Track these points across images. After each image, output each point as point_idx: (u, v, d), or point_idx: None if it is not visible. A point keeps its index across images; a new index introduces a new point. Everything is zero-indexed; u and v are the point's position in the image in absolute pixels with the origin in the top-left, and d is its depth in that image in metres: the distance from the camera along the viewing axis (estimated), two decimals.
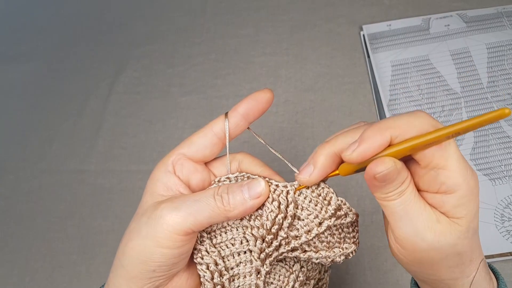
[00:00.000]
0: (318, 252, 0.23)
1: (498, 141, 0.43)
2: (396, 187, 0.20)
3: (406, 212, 0.20)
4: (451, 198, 0.20)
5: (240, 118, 0.24)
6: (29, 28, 0.59)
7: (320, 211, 0.22)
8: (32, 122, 0.52)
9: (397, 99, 0.47)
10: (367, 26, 0.51)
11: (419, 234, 0.20)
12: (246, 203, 0.22)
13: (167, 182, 0.23)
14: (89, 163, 0.48)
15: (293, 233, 0.22)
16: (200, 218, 0.21)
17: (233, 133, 0.24)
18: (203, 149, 0.24)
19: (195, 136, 0.24)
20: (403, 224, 0.20)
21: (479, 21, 0.50)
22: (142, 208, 0.23)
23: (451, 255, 0.21)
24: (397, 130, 0.19)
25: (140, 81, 0.53)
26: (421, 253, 0.20)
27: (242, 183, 0.23)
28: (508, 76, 0.47)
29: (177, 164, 0.24)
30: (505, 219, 0.39)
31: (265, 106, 0.24)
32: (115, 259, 0.23)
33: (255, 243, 0.23)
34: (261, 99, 0.24)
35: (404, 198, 0.20)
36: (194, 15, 0.56)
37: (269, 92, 0.24)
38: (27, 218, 0.46)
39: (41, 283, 0.43)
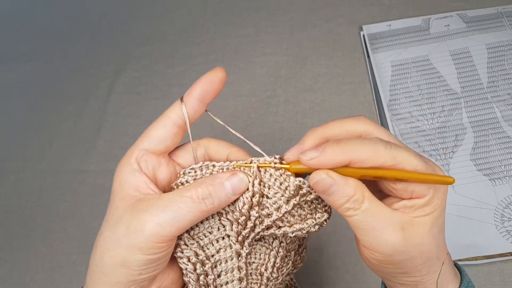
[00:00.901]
0: (292, 226, 0.23)
1: (498, 141, 0.43)
2: (343, 201, 0.21)
3: (367, 226, 0.21)
4: (420, 200, 0.21)
5: (196, 102, 0.23)
6: (29, 28, 0.59)
7: (285, 190, 0.22)
8: (32, 122, 0.52)
9: (397, 99, 0.47)
10: (367, 26, 0.51)
11: (383, 242, 0.21)
12: (230, 199, 0.22)
13: (135, 182, 0.22)
14: (89, 163, 0.48)
15: (264, 211, 0.23)
16: (182, 225, 0.21)
17: (192, 118, 0.23)
18: (164, 140, 0.23)
19: (153, 129, 0.23)
20: (367, 236, 0.21)
21: (479, 21, 0.50)
22: (115, 214, 0.22)
23: (417, 255, 0.21)
24: (357, 157, 0.20)
25: (140, 81, 0.53)
26: (388, 257, 0.21)
27: (222, 177, 0.22)
28: (508, 76, 0.47)
29: (142, 160, 0.23)
30: (505, 219, 0.39)
31: (219, 85, 0.23)
32: (91, 266, 0.22)
33: (232, 227, 0.23)
34: (214, 79, 0.23)
35: (362, 214, 0.21)
36: (194, 15, 0.56)
37: (221, 71, 0.23)
38: (27, 218, 0.46)
39: (41, 283, 0.43)
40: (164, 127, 0.23)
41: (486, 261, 0.38)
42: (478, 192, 0.41)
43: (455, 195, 0.41)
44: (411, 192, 0.21)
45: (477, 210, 0.40)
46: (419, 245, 0.21)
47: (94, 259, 0.22)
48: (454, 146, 0.44)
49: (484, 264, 0.38)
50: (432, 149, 0.44)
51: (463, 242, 0.39)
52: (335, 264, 0.40)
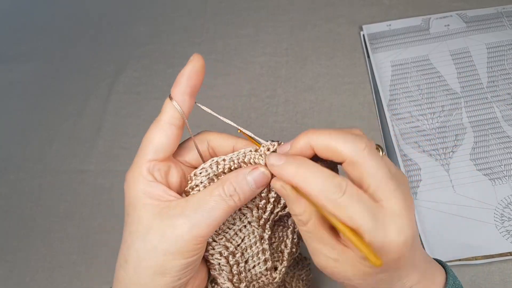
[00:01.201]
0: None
1: (498, 141, 0.43)
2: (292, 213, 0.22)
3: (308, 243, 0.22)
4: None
5: (185, 97, 0.23)
6: (29, 28, 0.59)
7: None
8: (32, 122, 0.52)
9: (397, 99, 0.47)
10: (367, 26, 0.51)
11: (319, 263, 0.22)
12: (255, 193, 0.23)
13: (155, 192, 0.22)
14: (89, 163, 0.48)
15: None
16: (217, 221, 0.22)
17: (185, 114, 0.24)
18: (168, 146, 0.23)
19: (154, 136, 0.23)
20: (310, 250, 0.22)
21: (479, 21, 0.50)
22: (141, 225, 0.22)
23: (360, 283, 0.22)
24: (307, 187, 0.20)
25: (140, 81, 0.53)
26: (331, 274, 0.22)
27: (244, 172, 0.22)
28: (508, 76, 0.47)
29: (154, 171, 0.23)
30: (505, 219, 0.40)
31: (202, 73, 0.24)
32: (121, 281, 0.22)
33: (252, 214, 0.24)
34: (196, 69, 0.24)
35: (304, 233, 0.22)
36: (194, 15, 0.56)
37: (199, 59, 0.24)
38: (27, 218, 0.46)
39: (41, 283, 0.43)
40: (164, 132, 0.23)
41: (486, 261, 0.38)
42: (478, 192, 0.41)
43: (454, 195, 0.41)
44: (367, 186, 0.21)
45: (476, 210, 0.40)
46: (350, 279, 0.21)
47: (127, 273, 0.22)
48: (454, 146, 0.44)
49: (484, 264, 0.38)
50: (432, 148, 0.44)
51: (462, 242, 0.39)
52: None
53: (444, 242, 0.39)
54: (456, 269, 0.38)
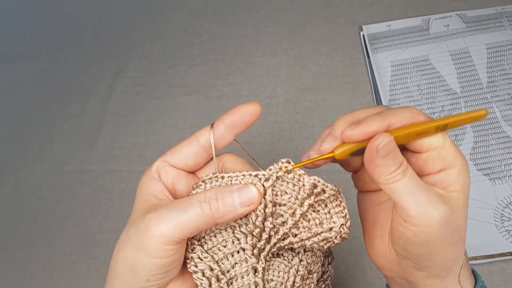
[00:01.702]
0: (308, 232, 0.23)
1: (498, 141, 0.44)
2: (397, 165, 0.21)
3: (414, 189, 0.21)
4: (452, 171, 0.22)
5: (225, 130, 0.23)
6: (30, 29, 0.59)
7: (298, 192, 0.22)
8: (33, 122, 0.52)
9: (397, 99, 0.47)
10: (367, 26, 0.51)
11: (432, 207, 0.20)
12: (236, 210, 0.21)
13: (153, 189, 0.23)
14: (90, 163, 0.48)
15: (279, 220, 0.22)
16: (187, 228, 0.21)
17: (218, 145, 0.24)
18: (185, 158, 0.24)
19: (181, 145, 0.24)
20: (416, 199, 0.21)
21: (478, 21, 0.50)
22: (132, 217, 0.23)
23: (455, 230, 0.21)
24: (394, 118, 0.21)
25: (140, 81, 0.53)
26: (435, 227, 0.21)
27: (232, 187, 0.22)
28: (507, 76, 0.47)
29: (162, 171, 0.24)
30: (505, 219, 0.40)
31: (251, 119, 0.23)
32: (109, 269, 0.22)
33: (246, 240, 0.23)
34: (247, 112, 0.23)
35: (409, 176, 0.21)
36: (194, 16, 0.56)
37: (257, 106, 0.23)
38: (28, 218, 0.46)
39: (41, 283, 0.43)
40: (189, 146, 0.24)
41: (486, 260, 0.38)
42: (478, 192, 0.41)
43: None
44: (443, 160, 0.21)
45: (477, 210, 0.40)
46: (457, 219, 0.21)
47: (111, 262, 0.22)
48: None
49: (484, 264, 0.38)
50: None
51: None
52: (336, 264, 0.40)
53: None
54: None
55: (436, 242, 0.21)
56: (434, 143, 0.22)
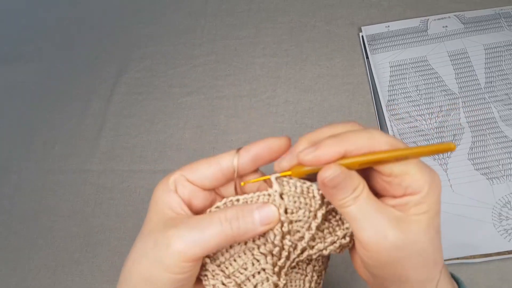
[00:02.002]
0: (323, 242, 0.23)
1: (496, 140, 0.44)
2: (349, 194, 0.21)
3: (365, 215, 0.21)
4: (414, 197, 0.21)
5: (249, 160, 0.23)
6: (32, 30, 0.59)
7: (310, 205, 0.22)
8: (35, 122, 0.52)
9: (396, 100, 0.47)
10: (366, 28, 0.52)
11: (381, 233, 0.20)
12: (256, 229, 0.21)
13: (169, 201, 0.23)
14: (91, 163, 0.49)
15: (296, 236, 0.23)
16: (207, 246, 0.21)
17: (240, 171, 0.23)
18: (203, 178, 0.23)
19: (201, 164, 0.23)
20: (365, 227, 0.21)
21: (476, 22, 0.50)
22: (148, 227, 0.22)
23: (414, 254, 0.21)
24: (352, 145, 0.21)
25: (141, 82, 0.53)
26: (386, 253, 0.21)
27: (252, 206, 0.22)
28: (505, 77, 0.47)
29: (179, 184, 0.23)
30: (502, 218, 0.40)
31: (278, 155, 0.23)
32: (121, 278, 0.22)
33: (266, 260, 0.23)
34: (275, 147, 0.23)
35: (360, 203, 0.21)
36: (195, 17, 0.57)
37: (286, 142, 0.23)
38: (30, 217, 0.47)
39: (43, 281, 0.43)
40: (209, 167, 0.23)
41: (483, 259, 0.39)
42: (476, 191, 0.41)
43: (453, 194, 0.42)
44: (405, 188, 0.21)
45: (475, 209, 0.41)
46: (416, 243, 0.21)
47: (124, 271, 0.22)
48: None
49: (482, 263, 0.39)
50: None
51: (460, 241, 0.39)
52: (334, 262, 0.40)
53: (442, 241, 0.39)
54: (454, 268, 0.39)
55: (392, 267, 0.21)
56: (395, 171, 0.21)
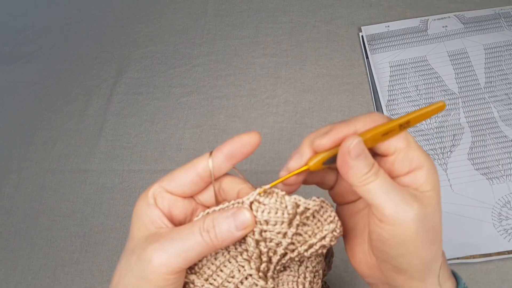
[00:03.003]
0: (303, 245, 0.23)
1: (496, 140, 0.44)
2: (369, 167, 0.21)
3: (388, 189, 0.21)
4: (421, 172, 0.22)
5: (223, 159, 0.23)
6: (31, 29, 0.59)
7: (283, 215, 0.22)
8: (35, 122, 0.52)
9: (395, 100, 0.48)
10: (366, 28, 0.52)
11: (406, 205, 0.21)
12: (233, 235, 0.22)
13: (150, 215, 0.23)
14: (92, 163, 0.49)
15: (273, 242, 0.23)
16: (189, 256, 0.21)
17: (216, 174, 0.23)
18: (181, 186, 0.23)
19: (177, 172, 0.23)
20: (390, 199, 0.21)
21: (476, 22, 0.50)
22: (131, 243, 0.23)
23: (431, 228, 0.22)
24: (359, 123, 0.22)
25: (141, 82, 0.53)
26: (409, 225, 0.21)
27: (227, 212, 0.22)
28: (505, 77, 0.47)
29: (158, 196, 0.23)
30: (502, 218, 0.40)
31: (250, 149, 0.23)
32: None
33: (250, 266, 0.23)
34: (247, 143, 0.23)
35: (383, 177, 0.22)
36: (195, 17, 0.57)
37: (256, 136, 0.23)
38: (30, 217, 0.47)
39: (43, 281, 0.43)
40: (186, 174, 0.23)
41: (483, 259, 0.39)
42: (476, 191, 0.41)
43: (453, 194, 0.42)
44: (411, 161, 0.22)
45: (474, 209, 0.41)
46: (432, 218, 0.22)
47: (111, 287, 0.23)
48: (452, 146, 0.44)
49: (481, 263, 0.39)
50: (430, 148, 0.44)
51: (460, 241, 0.39)
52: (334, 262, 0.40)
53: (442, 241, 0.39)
54: (453, 268, 0.39)
55: (412, 241, 0.21)
56: (400, 145, 0.22)
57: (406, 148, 0.22)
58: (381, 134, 0.22)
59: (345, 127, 0.22)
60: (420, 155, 0.22)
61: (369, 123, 0.22)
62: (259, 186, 0.23)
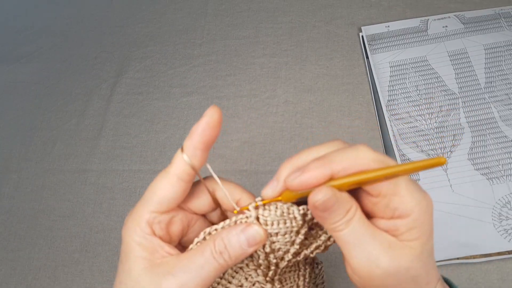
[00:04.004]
0: (309, 247, 0.23)
1: (496, 141, 0.44)
2: (341, 217, 0.20)
3: (357, 240, 0.20)
4: (404, 222, 0.20)
5: (198, 152, 0.22)
6: (32, 29, 0.59)
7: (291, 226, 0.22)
8: (35, 122, 0.52)
9: (396, 100, 0.48)
10: (366, 28, 0.52)
11: (373, 260, 0.20)
12: (245, 252, 0.21)
13: (150, 246, 0.22)
14: (92, 163, 0.49)
15: (281, 252, 0.23)
16: (207, 281, 0.21)
17: (197, 167, 0.22)
18: (172, 200, 0.22)
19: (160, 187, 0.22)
20: (356, 253, 0.20)
21: (476, 22, 0.50)
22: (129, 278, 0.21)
23: (406, 280, 0.20)
24: (338, 165, 0.20)
25: (141, 82, 0.53)
26: (377, 280, 0.20)
27: (236, 229, 0.21)
28: (505, 77, 0.47)
29: (154, 223, 0.22)
30: (502, 218, 0.40)
31: (218, 127, 0.22)
32: None
33: (257, 273, 0.23)
34: (211, 124, 0.22)
35: (353, 227, 0.20)
36: (195, 17, 0.57)
37: (216, 111, 0.22)
38: (30, 217, 0.47)
39: (43, 281, 0.43)
40: (170, 185, 0.22)
41: (483, 259, 0.39)
42: (476, 191, 0.41)
43: (453, 194, 0.42)
44: (393, 210, 0.20)
45: (474, 209, 0.41)
46: (409, 269, 0.20)
47: None
48: (452, 146, 0.44)
49: (481, 263, 0.39)
50: (430, 148, 0.44)
51: (460, 241, 0.39)
52: (334, 262, 0.40)
53: (442, 241, 0.39)
54: (454, 268, 0.39)
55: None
56: (384, 190, 0.20)
57: (391, 195, 0.20)
58: (363, 182, 0.20)
59: (321, 169, 0.20)
60: (409, 202, 0.20)
61: (350, 166, 0.20)
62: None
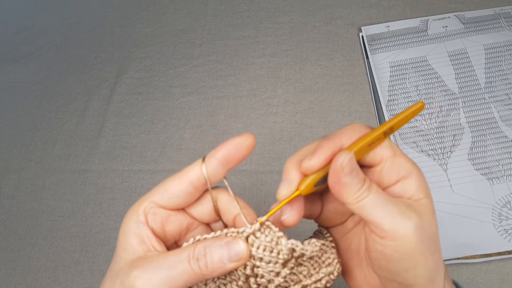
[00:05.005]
0: (297, 284, 0.22)
1: (496, 141, 0.44)
2: (362, 183, 0.21)
3: (383, 203, 0.21)
4: (411, 180, 0.22)
5: (218, 165, 0.22)
6: (32, 29, 0.60)
7: (277, 256, 0.21)
8: (35, 122, 0.52)
9: (396, 100, 0.48)
10: (366, 28, 0.52)
11: (404, 215, 0.20)
12: (224, 266, 0.20)
13: (140, 234, 0.21)
14: (92, 163, 0.49)
15: (264, 279, 0.22)
16: (176, 284, 0.20)
17: (211, 180, 0.22)
18: (176, 198, 0.22)
19: (169, 183, 0.22)
20: (387, 213, 0.20)
21: (476, 22, 0.50)
22: (117, 264, 0.21)
23: (431, 237, 0.21)
24: (344, 137, 0.22)
25: (141, 82, 0.53)
26: (409, 238, 0.20)
27: (221, 241, 0.21)
28: (505, 77, 0.47)
29: (149, 213, 0.22)
30: (502, 218, 0.40)
31: (246, 153, 0.22)
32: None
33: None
34: (241, 146, 0.21)
35: (375, 191, 0.21)
36: (195, 17, 0.57)
37: (251, 138, 0.22)
38: (30, 217, 0.47)
39: (43, 281, 0.43)
40: (180, 185, 0.22)
41: (484, 259, 0.39)
42: (476, 191, 0.41)
43: (453, 194, 0.42)
44: (398, 169, 0.22)
45: (474, 209, 0.41)
46: (430, 226, 0.21)
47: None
48: (452, 146, 0.44)
49: (482, 263, 0.39)
50: (430, 148, 0.44)
51: (460, 241, 0.39)
52: None
53: (442, 241, 0.39)
54: (454, 268, 0.39)
55: (415, 254, 0.21)
56: (386, 153, 0.22)
57: (392, 156, 0.22)
58: (367, 145, 0.21)
59: (331, 144, 0.21)
60: (407, 162, 0.22)
61: (353, 135, 0.21)
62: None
